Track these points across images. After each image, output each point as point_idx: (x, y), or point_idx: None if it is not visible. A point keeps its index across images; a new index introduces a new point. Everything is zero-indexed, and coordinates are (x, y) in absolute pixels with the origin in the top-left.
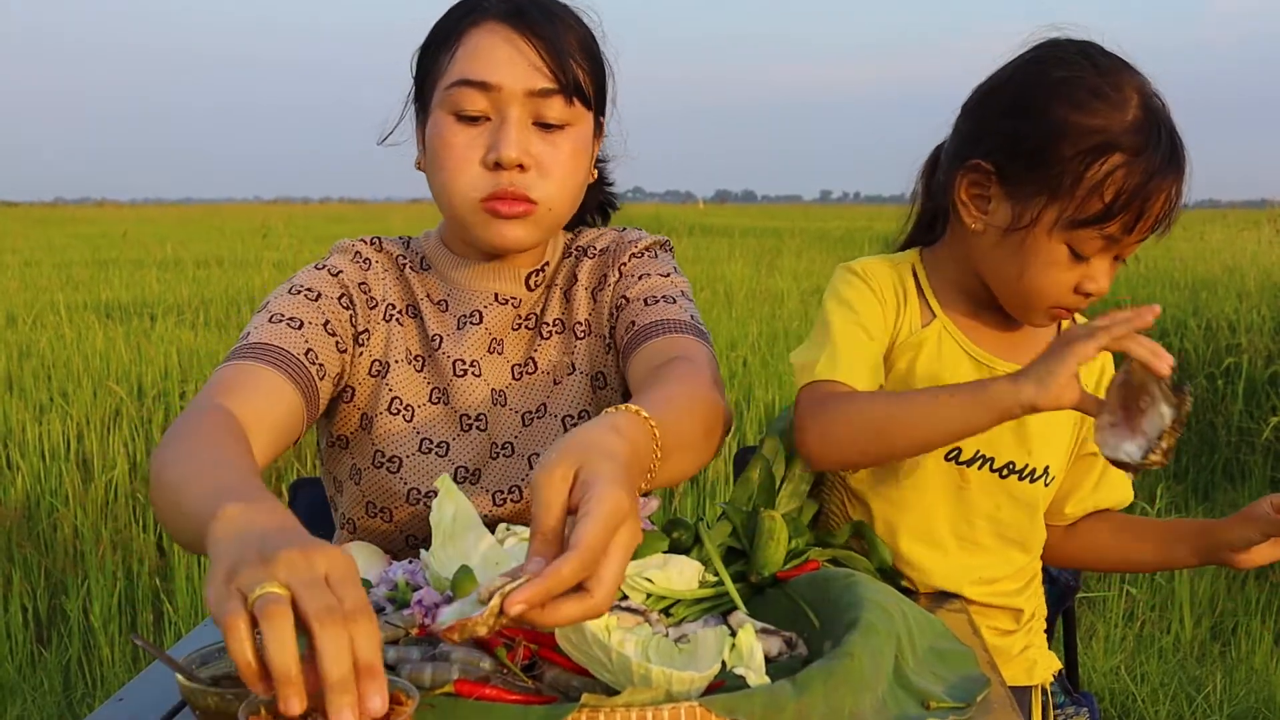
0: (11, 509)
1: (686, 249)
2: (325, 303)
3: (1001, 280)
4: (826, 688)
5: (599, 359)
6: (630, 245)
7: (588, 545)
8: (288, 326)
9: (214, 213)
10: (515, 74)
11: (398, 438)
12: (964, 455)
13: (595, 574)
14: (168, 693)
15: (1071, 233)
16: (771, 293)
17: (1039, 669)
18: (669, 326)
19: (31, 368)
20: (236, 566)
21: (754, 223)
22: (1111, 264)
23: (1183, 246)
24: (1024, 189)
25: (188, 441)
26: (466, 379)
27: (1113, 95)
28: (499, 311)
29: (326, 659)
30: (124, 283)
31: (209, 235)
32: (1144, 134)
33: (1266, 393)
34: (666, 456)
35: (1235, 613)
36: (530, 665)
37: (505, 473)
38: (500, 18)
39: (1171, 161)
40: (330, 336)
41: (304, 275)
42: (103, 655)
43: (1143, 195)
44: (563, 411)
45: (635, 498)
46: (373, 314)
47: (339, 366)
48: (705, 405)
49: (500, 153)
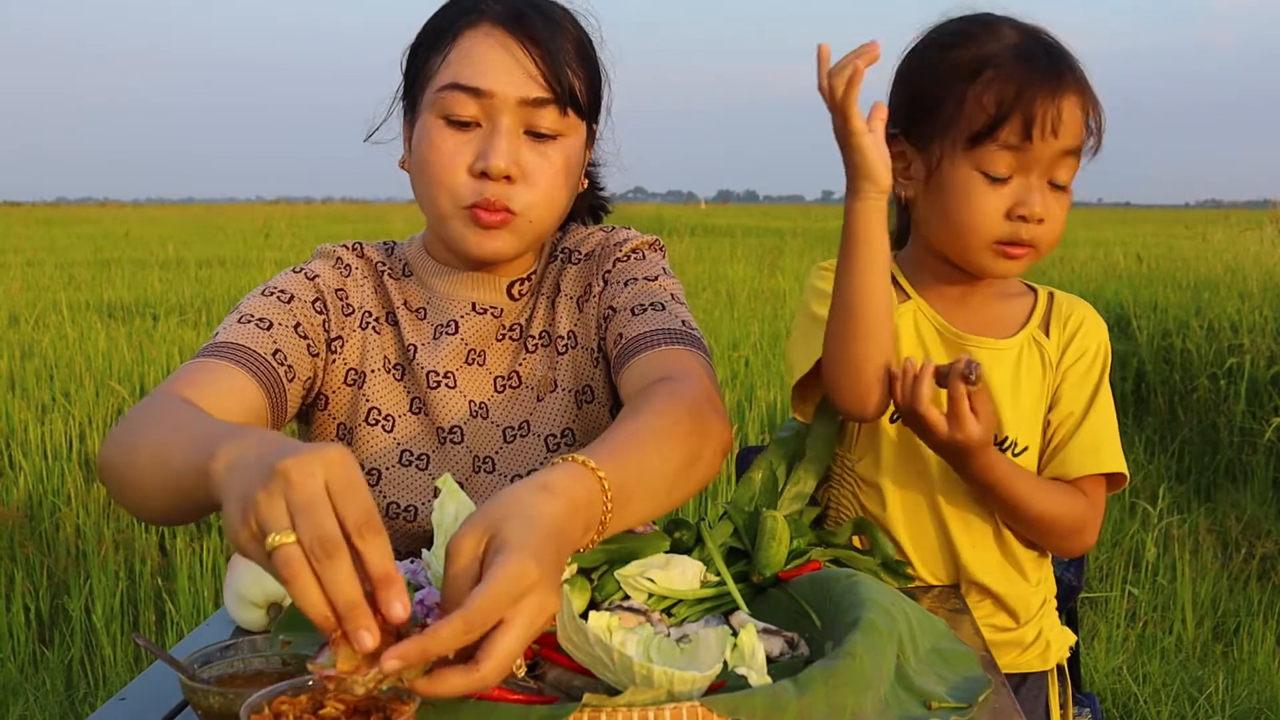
0: (14, 509)
1: (689, 249)
2: (297, 305)
3: (943, 235)
4: (828, 688)
5: (585, 373)
6: (616, 249)
7: (475, 608)
8: (256, 327)
9: (216, 213)
10: (509, 81)
11: (378, 450)
12: None
13: (486, 645)
14: (170, 692)
15: (973, 155)
16: (773, 293)
17: (1053, 650)
18: (659, 338)
19: (34, 367)
20: (246, 496)
21: (756, 223)
22: (1045, 188)
23: (1185, 247)
24: (925, 136)
25: (154, 417)
26: (441, 391)
27: (981, 33)
28: (477, 321)
29: (330, 593)
30: (126, 283)
31: (211, 235)
32: (1017, 50)
33: (1269, 393)
34: (625, 503)
35: (1237, 613)
36: (532, 665)
37: (487, 490)
38: (497, 21)
39: (1053, 72)
40: (301, 339)
41: (279, 278)
42: (105, 655)
43: (1024, 100)
44: (545, 430)
45: (548, 565)
46: (348, 320)
47: (310, 370)
48: (683, 434)
49: (489, 162)
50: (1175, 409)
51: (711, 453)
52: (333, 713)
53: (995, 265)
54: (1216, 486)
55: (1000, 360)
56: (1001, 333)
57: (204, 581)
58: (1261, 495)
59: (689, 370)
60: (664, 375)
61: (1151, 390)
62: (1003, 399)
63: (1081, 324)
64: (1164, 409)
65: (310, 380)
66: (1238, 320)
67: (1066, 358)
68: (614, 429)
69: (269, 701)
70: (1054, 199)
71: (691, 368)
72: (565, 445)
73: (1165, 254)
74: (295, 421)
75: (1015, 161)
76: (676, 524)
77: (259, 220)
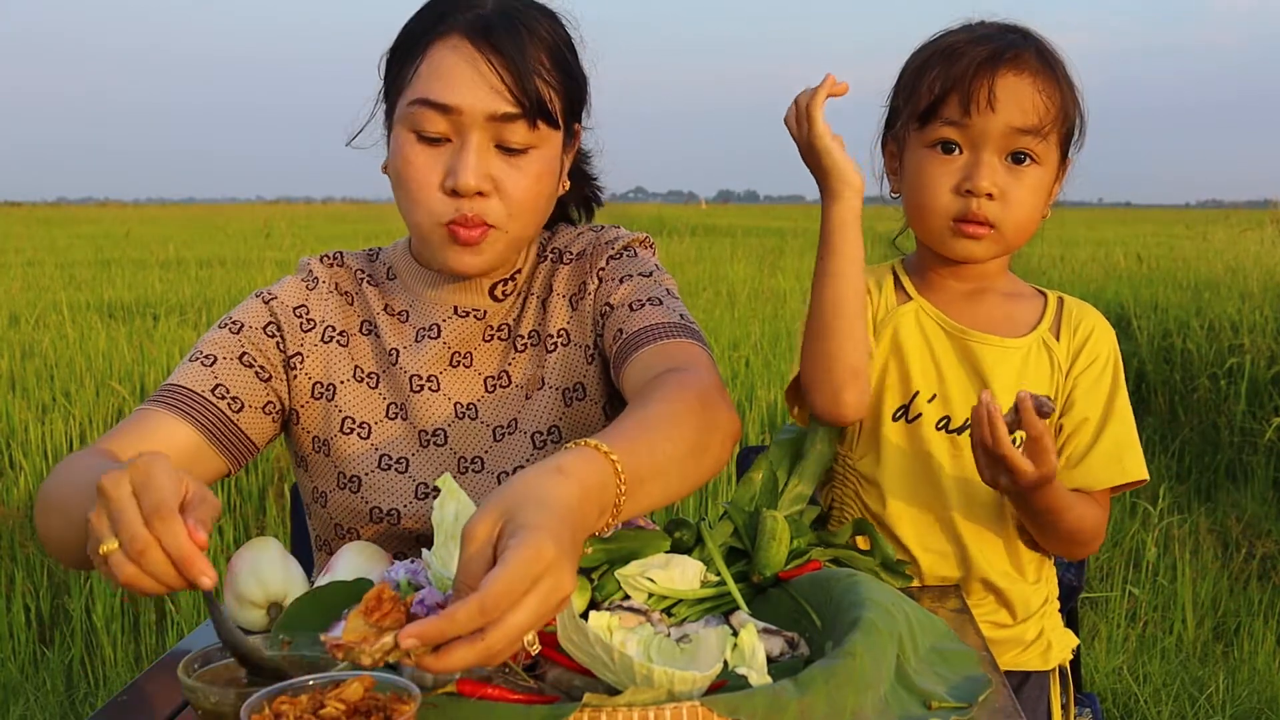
0: (14, 509)
1: (689, 249)
2: (247, 334)
3: (912, 219)
4: (828, 687)
5: (577, 370)
6: (608, 247)
7: (491, 592)
8: (201, 364)
9: (216, 213)
10: (475, 97)
11: (356, 457)
12: (954, 424)
13: (497, 620)
14: (170, 692)
15: (923, 133)
16: (774, 292)
17: (1055, 651)
18: (660, 331)
19: (34, 367)
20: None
21: (756, 223)
22: (997, 164)
23: (1185, 247)
24: (901, 130)
25: (66, 476)
26: (424, 394)
27: (955, 31)
28: (459, 325)
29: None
30: (127, 283)
31: (211, 235)
32: (972, 38)
33: (1269, 393)
34: (638, 487)
35: (1238, 613)
36: (533, 665)
37: (475, 489)
38: (464, 33)
39: (996, 51)
40: (247, 368)
41: (239, 306)
42: (105, 655)
43: (963, 77)
44: (532, 428)
45: (566, 546)
46: (308, 336)
47: (266, 396)
48: (694, 421)
49: (457, 180)
50: (1175, 409)
51: (721, 440)
52: (333, 713)
53: (956, 245)
54: (1217, 486)
55: (1006, 358)
56: (1010, 332)
57: None
58: (1262, 495)
59: (695, 361)
60: (670, 366)
61: (1152, 390)
62: (1005, 398)
63: (1092, 330)
64: (1164, 409)
65: (271, 404)
66: (1238, 320)
67: (1078, 364)
68: (625, 416)
69: (269, 701)
70: (1011, 176)
71: (697, 359)
72: (551, 443)
73: (1166, 254)
74: (284, 438)
75: (961, 137)
76: (676, 524)
77: (259, 220)
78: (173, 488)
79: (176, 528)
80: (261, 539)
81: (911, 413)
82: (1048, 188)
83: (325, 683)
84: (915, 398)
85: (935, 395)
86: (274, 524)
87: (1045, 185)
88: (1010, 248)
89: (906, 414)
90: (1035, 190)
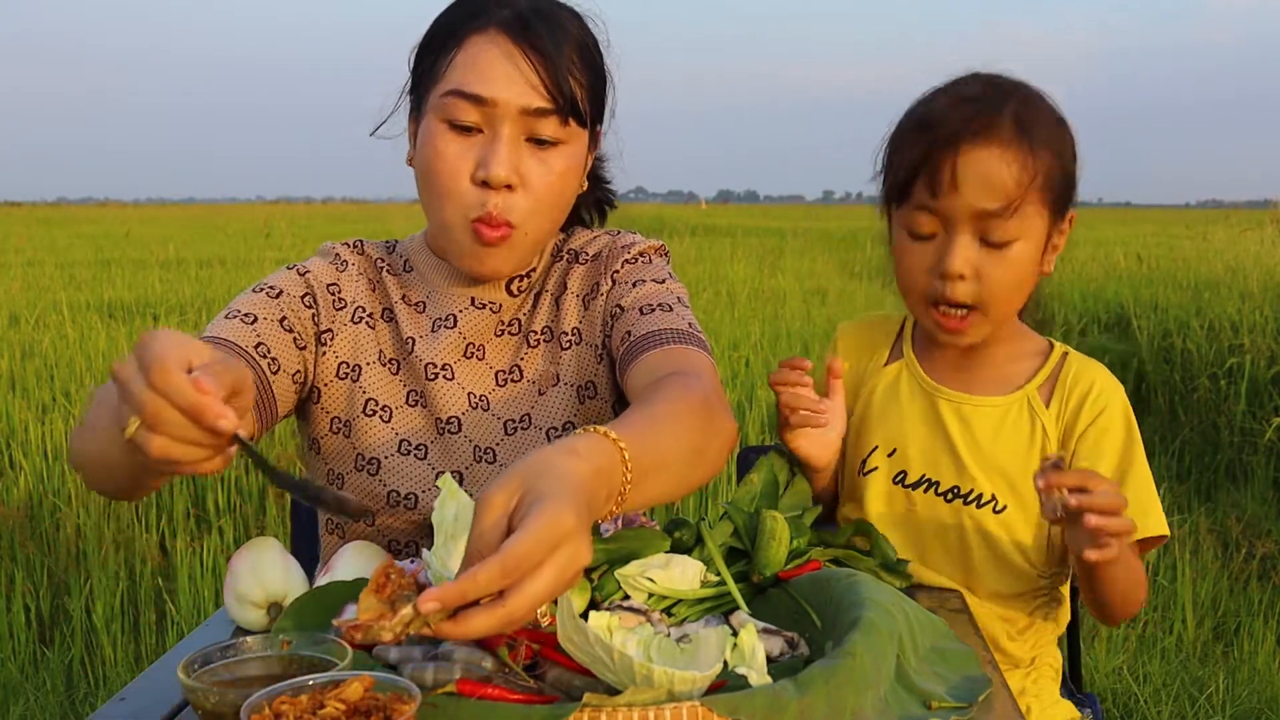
0: (14, 508)
1: (689, 249)
2: (285, 300)
3: (900, 293)
4: (828, 687)
5: (588, 369)
6: (624, 251)
7: (511, 554)
8: (241, 322)
9: (216, 212)
10: (511, 90)
11: (377, 440)
12: (909, 479)
13: (517, 584)
14: (170, 692)
15: (900, 214)
16: (774, 293)
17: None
18: (666, 337)
19: (34, 367)
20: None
21: (756, 223)
22: (972, 244)
23: (1185, 247)
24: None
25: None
26: (439, 383)
27: (939, 92)
28: (475, 316)
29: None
30: (127, 283)
31: (211, 235)
32: (950, 101)
33: (1269, 393)
34: (642, 478)
35: (1238, 613)
36: (532, 665)
37: (489, 480)
38: (502, 27)
39: (964, 128)
40: (287, 333)
41: (272, 276)
42: (105, 655)
43: (929, 158)
44: (546, 424)
45: (584, 518)
46: (339, 315)
47: (298, 364)
48: (696, 423)
49: (489, 171)
50: (1175, 409)
51: (719, 446)
52: (333, 712)
53: (938, 333)
54: (1217, 486)
55: (979, 415)
56: (996, 391)
57: (204, 581)
58: (1262, 495)
59: (698, 368)
60: (674, 370)
61: (1152, 390)
62: (968, 450)
63: (1092, 386)
64: (1164, 409)
65: (299, 373)
66: (1238, 320)
67: (1079, 422)
68: (629, 412)
69: (269, 701)
70: (989, 257)
71: (700, 366)
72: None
73: (1165, 254)
74: (296, 419)
75: (934, 218)
76: (676, 524)
77: (259, 220)
78: (173, 347)
79: (178, 380)
80: (261, 539)
81: (867, 466)
82: (1033, 257)
83: (325, 683)
84: (874, 452)
85: (895, 450)
86: (274, 524)
87: (1029, 256)
88: (1000, 322)
89: (863, 468)
90: (1015, 265)
